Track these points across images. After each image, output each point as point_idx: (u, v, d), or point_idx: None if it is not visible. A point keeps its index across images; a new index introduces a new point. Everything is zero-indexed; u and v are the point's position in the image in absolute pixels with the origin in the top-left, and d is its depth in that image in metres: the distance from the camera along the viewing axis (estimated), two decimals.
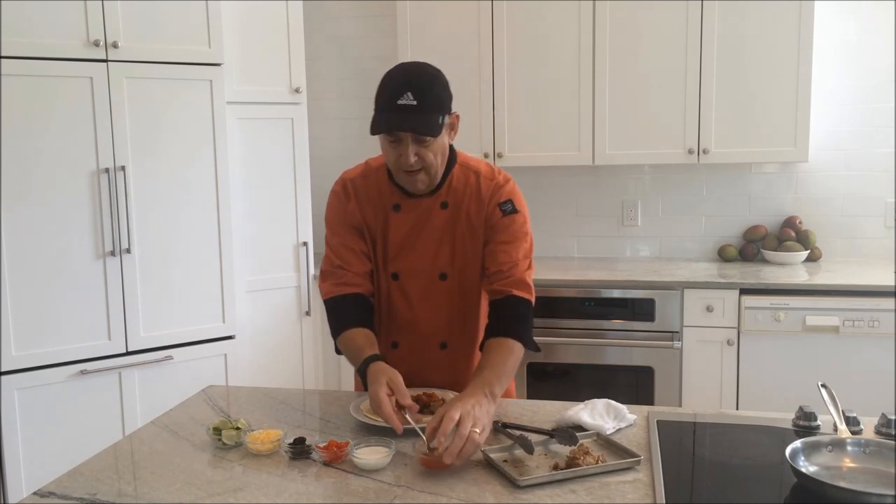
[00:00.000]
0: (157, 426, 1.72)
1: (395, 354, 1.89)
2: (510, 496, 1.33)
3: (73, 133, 2.79)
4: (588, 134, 3.48)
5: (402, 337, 1.89)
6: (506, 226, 1.80)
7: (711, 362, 3.19)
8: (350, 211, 1.85)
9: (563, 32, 3.45)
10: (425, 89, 1.65)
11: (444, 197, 1.81)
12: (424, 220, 1.81)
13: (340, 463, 1.48)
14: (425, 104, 1.64)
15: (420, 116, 1.64)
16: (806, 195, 3.64)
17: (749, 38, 3.28)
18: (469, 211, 1.81)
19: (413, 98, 1.63)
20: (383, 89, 1.67)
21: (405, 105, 1.63)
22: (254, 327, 3.39)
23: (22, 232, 2.73)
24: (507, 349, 1.70)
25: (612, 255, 3.88)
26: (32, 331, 2.77)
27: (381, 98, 1.67)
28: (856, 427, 1.55)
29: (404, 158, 1.68)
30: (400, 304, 1.87)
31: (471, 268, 1.83)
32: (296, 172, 3.46)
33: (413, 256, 1.83)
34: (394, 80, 1.67)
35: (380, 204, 1.84)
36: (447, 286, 1.84)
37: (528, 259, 1.82)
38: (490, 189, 1.81)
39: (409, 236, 1.82)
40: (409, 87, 1.63)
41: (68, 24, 2.76)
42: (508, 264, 1.77)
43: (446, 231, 1.81)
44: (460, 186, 1.82)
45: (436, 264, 1.83)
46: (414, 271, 1.83)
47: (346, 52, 4.06)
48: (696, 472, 1.48)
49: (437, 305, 1.85)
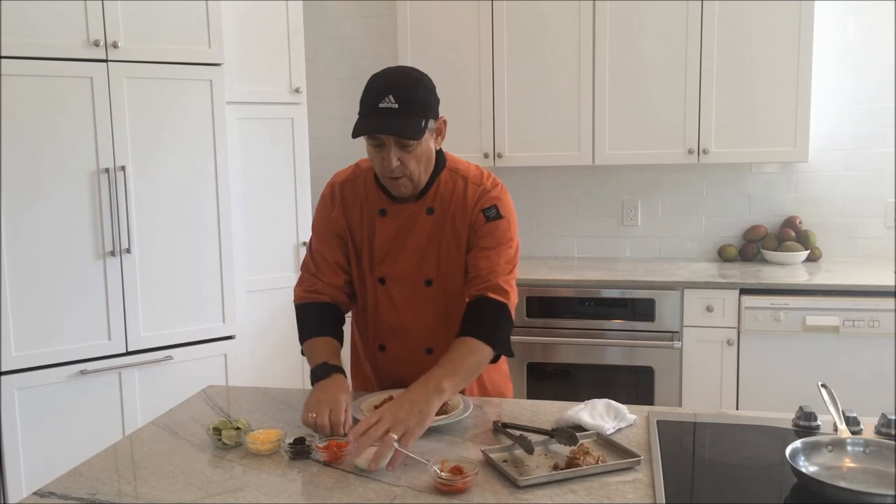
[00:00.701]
0: (157, 426, 1.72)
1: (383, 358, 1.90)
2: (510, 496, 1.33)
3: (73, 133, 2.79)
4: (588, 134, 3.48)
5: (388, 340, 1.89)
6: (489, 231, 1.78)
7: (711, 362, 3.19)
8: (334, 218, 1.86)
9: (563, 32, 3.45)
10: (408, 93, 1.63)
11: (431, 202, 1.79)
12: (410, 225, 1.80)
13: (340, 463, 1.48)
14: (407, 108, 1.62)
15: (401, 120, 1.63)
16: (806, 195, 3.64)
17: (749, 38, 3.28)
18: (454, 217, 1.79)
19: (395, 101, 1.61)
20: (366, 93, 1.66)
21: (387, 108, 1.61)
22: (254, 327, 3.39)
23: (22, 232, 2.73)
24: (468, 348, 1.68)
25: (612, 255, 3.88)
26: (32, 331, 2.77)
27: (364, 102, 1.67)
28: (856, 427, 1.55)
29: (387, 163, 1.67)
30: (386, 309, 1.86)
31: (455, 274, 1.81)
32: (296, 172, 3.46)
33: (399, 262, 1.82)
34: (376, 83, 1.66)
35: (366, 208, 1.84)
36: (432, 292, 1.82)
37: (511, 265, 1.80)
38: (476, 195, 1.79)
39: (395, 241, 1.81)
40: (390, 90, 1.62)
41: (68, 24, 2.76)
42: (487, 269, 1.75)
43: (432, 237, 1.80)
44: (447, 192, 1.80)
45: (421, 270, 1.81)
46: (400, 276, 1.82)
47: (346, 52, 4.06)
48: (696, 472, 1.48)
49: (422, 311, 1.84)
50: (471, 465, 1.38)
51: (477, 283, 1.76)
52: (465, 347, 1.68)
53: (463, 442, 1.59)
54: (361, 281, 1.88)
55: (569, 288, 3.29)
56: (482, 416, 1.74)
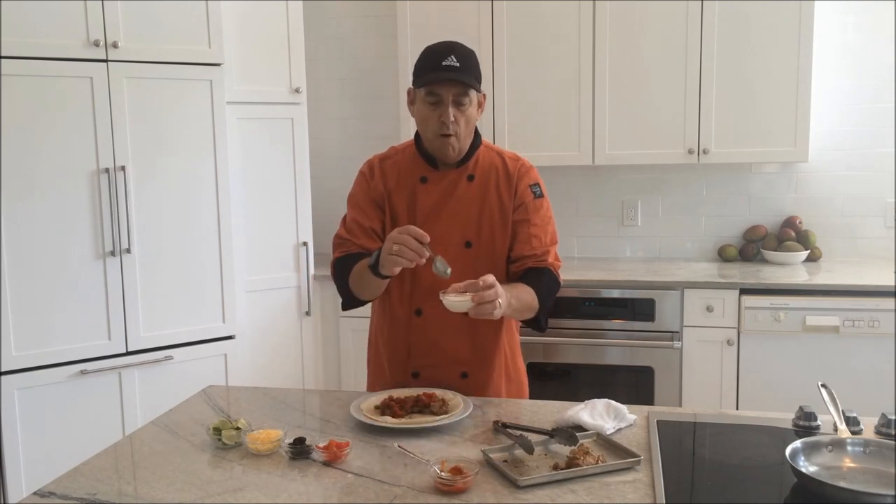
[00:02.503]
0: (157, 426, 1.72)
1: (419, 322, 1.93)
2: (510, 496, 1.33)
3: (73, 133, 2.79)
4: (588, 134, 3.48)
5: (425, 304, 1.91)
6: (536, 208, 1.94)
7: (711, 362, 3.19)
8: (373, 186, 1.97)
9: (563, 32, 3.45)
10: (467, 57, 1.84)
11: (471, 170, 1.93)
12: (451, 191, 1.92)
13: (340, 463, 1.48)
14: (467, 68, 1.83)
15: (465, 75, 1.81)
16: (806, 195, 3.64)
17: (749, 38, 3.28)
18: (499, 186, 1.93)
19: (456, 61, 1.81)
20: (427, 55, 1.85)
21: (450, 66, 1.81)
22: (254, 327, 3.39)
23: (22, 232, 2.73)
24: (528, 292, 1.87)
25: (612, 255, 3.88)
26: (32, 331, 2.77)
27: (426, 62, 1.84)
28: (856, 427, 1.55)
29: (444, 117, 1.82)
30: (425, 271, 1.88)
31: (495, 238, 1.93)
32: (296, 172, 3.46)
33: (440, 225, 1.90)
34: (437, 47, 1.85)
35: (406, 178, 1.95)
36: (471, 254, 1.92)
37: (555, 245, 1.98)
38: (517, 168, 1.95)
39: (436, 206, 1.92)
40: (452, 51, 1.82)
41: (68, 24, 2.76)
42: (541, 247, 1.94)
43: (473, 202, 1.92)
44: (486, 164, 1.95)
45: (461, 233, 1.92)
46: (440, 239, 1.88)
47: (346, 52, 4.06)
48: (696, 472, 1.48)
49: (460, 272, 1.86)
50: (471, 465, 1.38)
51: (534, 259, 1.94)
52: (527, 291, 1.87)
53: (463, 442, 1.59)
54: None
55: (569, 288, 3.29)
56: (482, 416, 1.74)
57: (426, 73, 1.82)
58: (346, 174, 4.09)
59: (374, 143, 4.02)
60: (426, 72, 1.83)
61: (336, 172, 4.04)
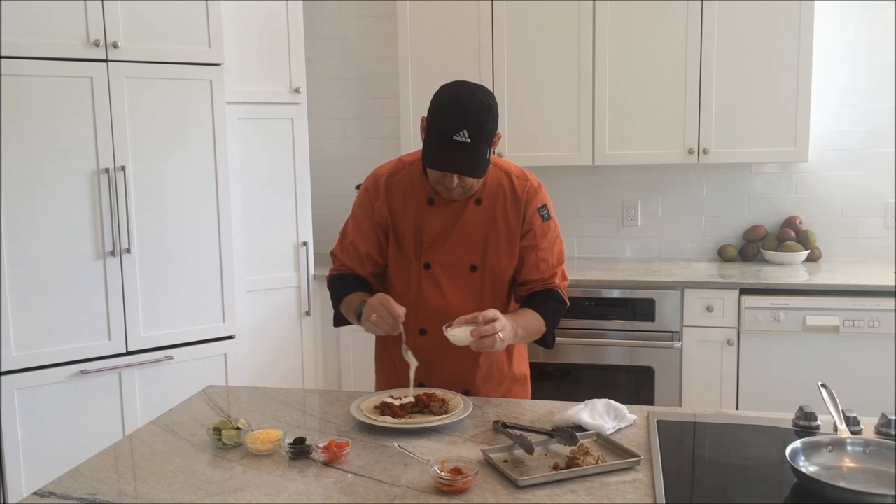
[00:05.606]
0: (157, 426, 1.72)
1: (423, 341, 1.92)
2: (510, 496, 1.33)
3: (73, 133, 2.79)
4: (588, 134, 3.48)
5: (430, 324, 1.91)
6: (544, 232, 1.92)
7: (711, 362, 3.19)
8: (378, 208, 1.93)
9: (562, 33, 3.45)
10: (480, 127, 1.69)
11: (479, 194, 1.89)
12: (458, 214, 1.89)
13: (340, 463, 1.48)
14: (478, 142, 1.69)
15: (473, 156, 1.70)
16: (806, 195, 3.64)
17: (749, 38, 3.28)
18: (506, 208, 1.90)
19: (468, 136, 1.67)
20: (440, 118, 1.70)
21: (460, 142, 1.67)
22: (254, 327, 3.39)
23: (22, 232, 2.73)
24: (535, 319, 1.89)
25: (612, 255, 3.88)
26: (32, 331, 2.77)
27: (437, 127, 1.71)
28: (856, 427, 1.55)
29: (448, 182, 1.79)
30: (430, 293, 1.91)
31: (500, 261, 1.91)
32: (296, 172, 3.46)
33: (446, 248, 1.90)
34: (451, 110, 1.69)
35: (413, 198, 1.91)
36: (476, 277, 1.91)
37: (561, 265, 1.98)
38: (525, 189, 1.91)
39: (443, 231, 1.90)
40: (465, 125, 1.67)
41: (68, 24, 2.76)
42: (547, 270, 1.94)
43: (480, 226, 1.90)
44: (494, 185, 1.90)
45: (467, 256, 1.91)
46: (445, 262, 1.90)
47: (346, 52, 4.06)
48: (696, 472, 1.48)
49: (465, 295, 1.91)
50: (471, 465, 1.38)
51: (541, 283, 1.94)
52: (534, 317, 1.89)
53: (463, 442, 1.59)
54: (404, 267, 1.94)
55: (569, 288, 3.26)
56: (482, 416, 1.75)
57: (434, 143, 1.71)
58: (346, 174, 4.13)
59: (374, 143, 4.02)
60: (434, 140, 1.71)
61: (336, 172, 4.04)
